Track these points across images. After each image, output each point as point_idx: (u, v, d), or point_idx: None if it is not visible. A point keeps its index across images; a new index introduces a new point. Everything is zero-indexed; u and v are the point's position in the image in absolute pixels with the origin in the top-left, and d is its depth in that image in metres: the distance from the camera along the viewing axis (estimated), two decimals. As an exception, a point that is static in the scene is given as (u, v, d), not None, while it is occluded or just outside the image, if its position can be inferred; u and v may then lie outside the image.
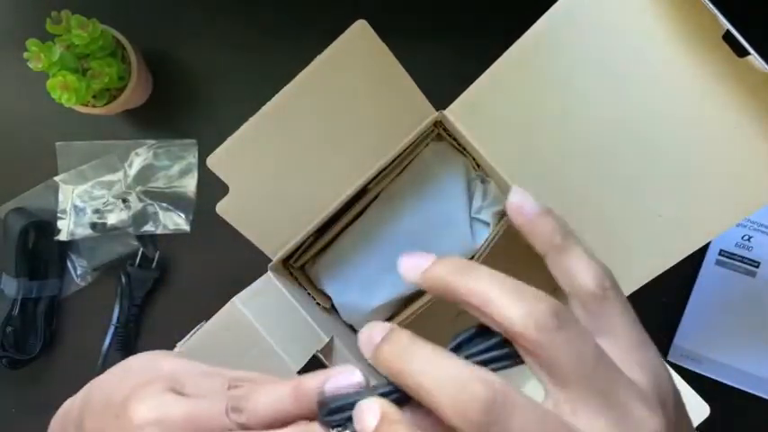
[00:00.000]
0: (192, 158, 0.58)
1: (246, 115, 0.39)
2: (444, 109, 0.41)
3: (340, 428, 0.21)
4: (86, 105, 0.51)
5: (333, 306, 0.50)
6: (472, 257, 0.46)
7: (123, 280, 0.57)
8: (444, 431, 0.19)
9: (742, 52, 0.34)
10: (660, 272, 0.39)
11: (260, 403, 0.24)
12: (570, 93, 0.39)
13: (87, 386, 0.30)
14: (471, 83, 0.40)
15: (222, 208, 0.41)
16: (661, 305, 0.56)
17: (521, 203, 0.23)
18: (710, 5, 0.33)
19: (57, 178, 0.57)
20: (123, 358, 0.31)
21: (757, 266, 0.53)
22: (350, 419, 0.21)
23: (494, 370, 0.20)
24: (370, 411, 0.21)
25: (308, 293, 0.48)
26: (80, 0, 0.53)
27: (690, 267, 0.55)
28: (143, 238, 0.58)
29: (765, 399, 0.53)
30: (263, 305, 0.42)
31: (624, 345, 0.21)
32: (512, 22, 0.38)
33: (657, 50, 0.36)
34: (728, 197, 0.37)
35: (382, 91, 0.40)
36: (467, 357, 0.20)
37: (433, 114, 0.41)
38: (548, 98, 0.39)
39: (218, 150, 0.39)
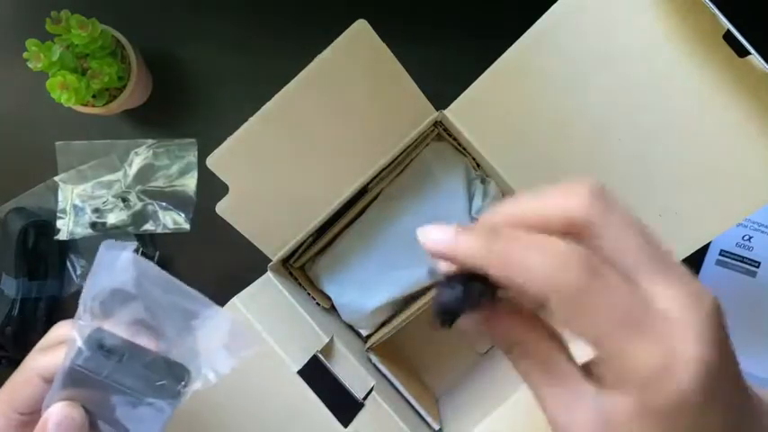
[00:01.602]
0: (192, 157, 0.58)
1: (246, 115, 0.39)
2: (444, 109, 0.41)
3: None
4: (86, 105, 0.51)
5: (333, 306, 0.50)
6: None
7: (123, 280, 0.57)
8: None
9: (742, 52, 0.34)
10: (660, 272, 0.39)
11: None
12: (570, 92, 0.39)
13: None
14: (471, 83, 0.40)
15: (222, 208, 0.40)
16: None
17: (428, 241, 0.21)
18: (711, 5, 0.33)
19: (56, 178, 0.57)
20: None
21: (757, 266, 0.53)
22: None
23: None
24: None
25: (308, 294, 0.48)
26: (80, 0, 0.53)
27: (690, 267, 0.55)
28: (143, 238, 0.58)
29: (765, 399, 0.52)
30: (263, 305, 0.42)
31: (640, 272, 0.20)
32: (512, 22, 0.38)
33: (658, 50, 0.36)
34: (729, 197, 0.37)
35: (382, 91, 0.40)
36: None
37: (433, 114, 0.41)
38: (548, 98, 0.39)
39: (218, 150, 0.39)
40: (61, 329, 0.31)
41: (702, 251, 0.55)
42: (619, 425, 0.19)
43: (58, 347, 0.29)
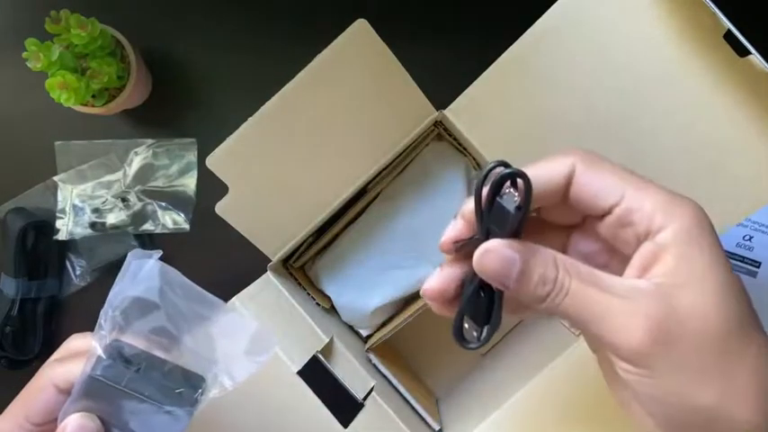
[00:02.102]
0: (192, 157, 0.58)
1: (246, 115, 0.39)
2: (444, 109, 0.41)
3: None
4: (85, 105, 0.51)
5: (332, 306, 0.50)
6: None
7: (123, 280, 0.57)
8: None
9: (743, 52, 0.34)
10: (661, 272, 0.39)
11: None
12: (570, 92, 0.38)
13: None
14: (471, 83, 0.40)
15: (222, 208, 0.40)
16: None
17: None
18: (711, 5, 0.33)
19: (56, 178, 0.57)
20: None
21: (758, 266, 0.53)
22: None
23: None
24: None
25: (308, 294, 0.48)
26: (79, 0, 0.53)
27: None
28: (142, 238, 0.58)
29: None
30: (262, 305, 0.41)
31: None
32: (512, 22, 0.37)
33: (658, 50, 0.36)
34: (729, 197, 0.37)
35: (382, 91, 0.40)
36: None
37: (433, 114, 0.41)
38: (548, 98, 0.39)
39: (217, 150, 0.39)
40: (77, 341, 0.32)
41: (702, 251, 0.55)
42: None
43: (75, 358, 0.29)
